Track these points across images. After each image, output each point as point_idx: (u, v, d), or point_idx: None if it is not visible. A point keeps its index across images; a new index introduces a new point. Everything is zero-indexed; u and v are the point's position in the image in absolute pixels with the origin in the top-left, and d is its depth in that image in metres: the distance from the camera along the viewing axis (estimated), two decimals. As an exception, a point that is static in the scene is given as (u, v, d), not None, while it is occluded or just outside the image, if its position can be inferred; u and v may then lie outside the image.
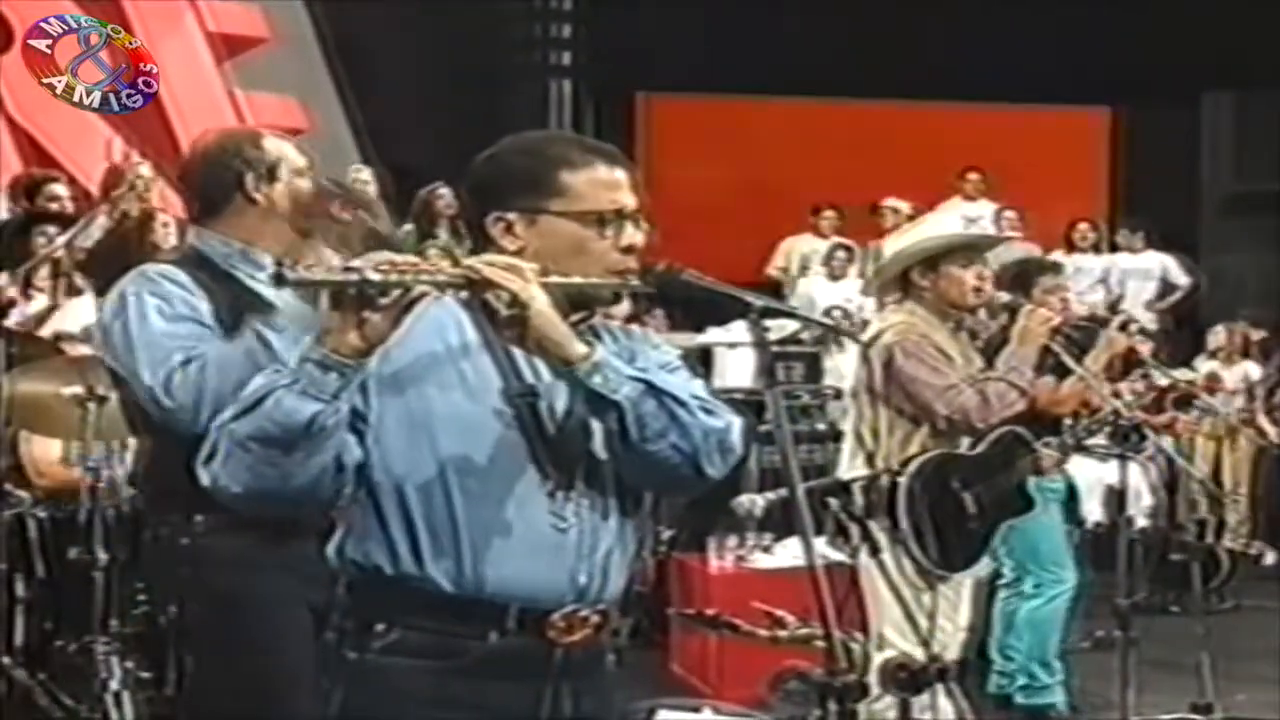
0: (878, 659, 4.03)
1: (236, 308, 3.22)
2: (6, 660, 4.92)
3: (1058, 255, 11.77)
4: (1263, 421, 9.66)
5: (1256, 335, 10.43)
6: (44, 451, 5.49)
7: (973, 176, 12.02)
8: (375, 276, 2.27)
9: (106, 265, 7.32)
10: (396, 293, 2.31)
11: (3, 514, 5.05)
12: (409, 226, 8.24)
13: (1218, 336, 10.47)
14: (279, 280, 2.36)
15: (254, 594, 3.20)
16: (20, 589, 5.08)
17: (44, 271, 7.06)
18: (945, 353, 4.89)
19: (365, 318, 2.31)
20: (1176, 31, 12.52)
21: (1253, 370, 10.25)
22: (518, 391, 2.49)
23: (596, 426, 2.49)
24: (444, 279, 2.37)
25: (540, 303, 2.37)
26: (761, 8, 12.32)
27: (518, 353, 2.49)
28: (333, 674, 2.51)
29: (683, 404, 2.46)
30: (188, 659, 3.58)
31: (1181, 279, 12.18)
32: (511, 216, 2.53)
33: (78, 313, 6.71)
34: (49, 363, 5.24)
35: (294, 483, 2.39)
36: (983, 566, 5.14)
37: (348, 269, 2.29)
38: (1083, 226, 12.33)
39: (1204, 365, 10.21)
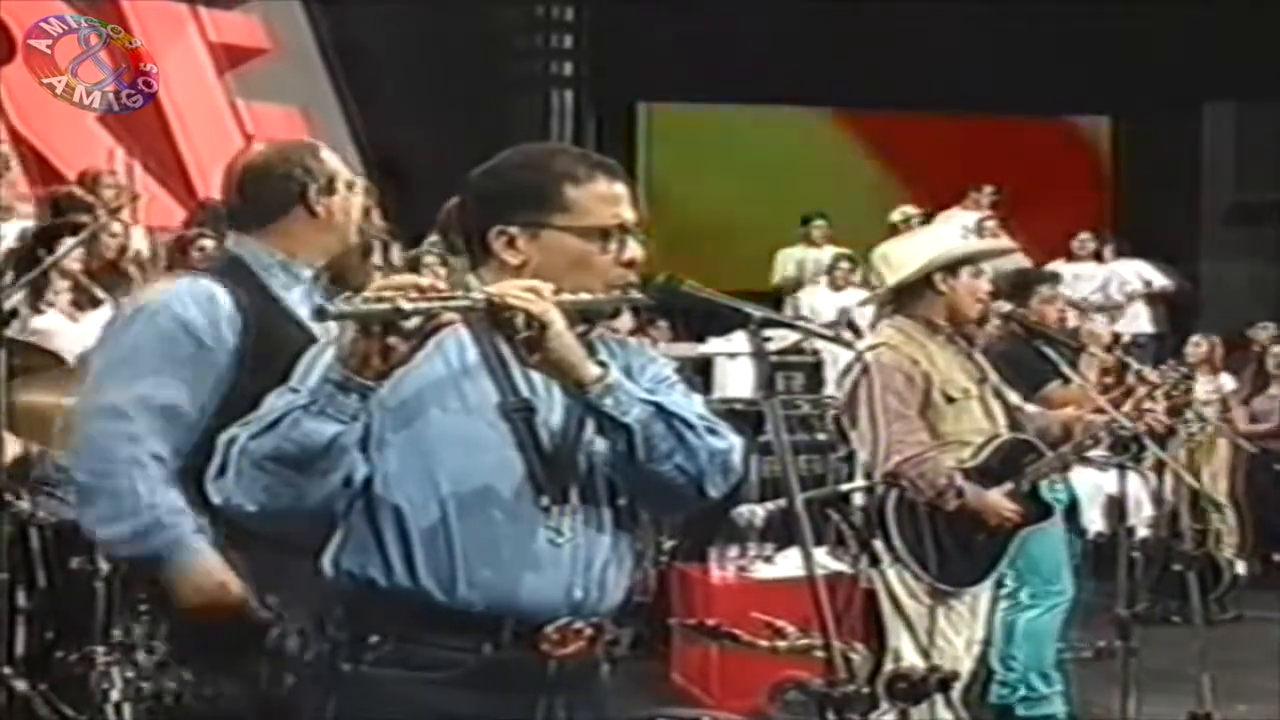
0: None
1: (264, 326, 3.20)
2: (7, 670, 4.92)
3: (1059, 264, 11.83)
4: (1242, 424, 9.67)
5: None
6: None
7: (988, 190, 11.99)
8: (407, 305, 2.30)
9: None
10: (418, 319, 2.32)
11: (3, 523, 5.05)
12: (434, 237, 8.25)
13: (1198, 348, 10.48)
14: (320, 314, 2.37)
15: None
16: (21, 598, 5.08)
17: (62, 285, 7.09)
18: (928, 374, 4.88)
19: (390, 344, 2.32)
20: (1177, 41, 12.55)
21: (1226, 381, 10.26)
22: (514, 406, 2.50)
23: (595, 441, 2.50)
24: (468, 304, 2.38)
25: (559, 325, 2.38)
26: (762, 18, 12.34)
27: (515, 368, 2.51)
28: (326, 685, 2.51)
29: (690, 426, 2.48)
30: (186, 672, 3.54)
31: (1159, 281, 12.28)
32: (514, 230, 2.55)
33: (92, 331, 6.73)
34: (51, 374, 5.24)
35: (308, 501, 2.41)
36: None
37: (381, 297, 2.30)
38: (1082, 235, 12.37)
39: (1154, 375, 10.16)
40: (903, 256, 5.10)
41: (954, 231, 7.79)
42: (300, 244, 3.36)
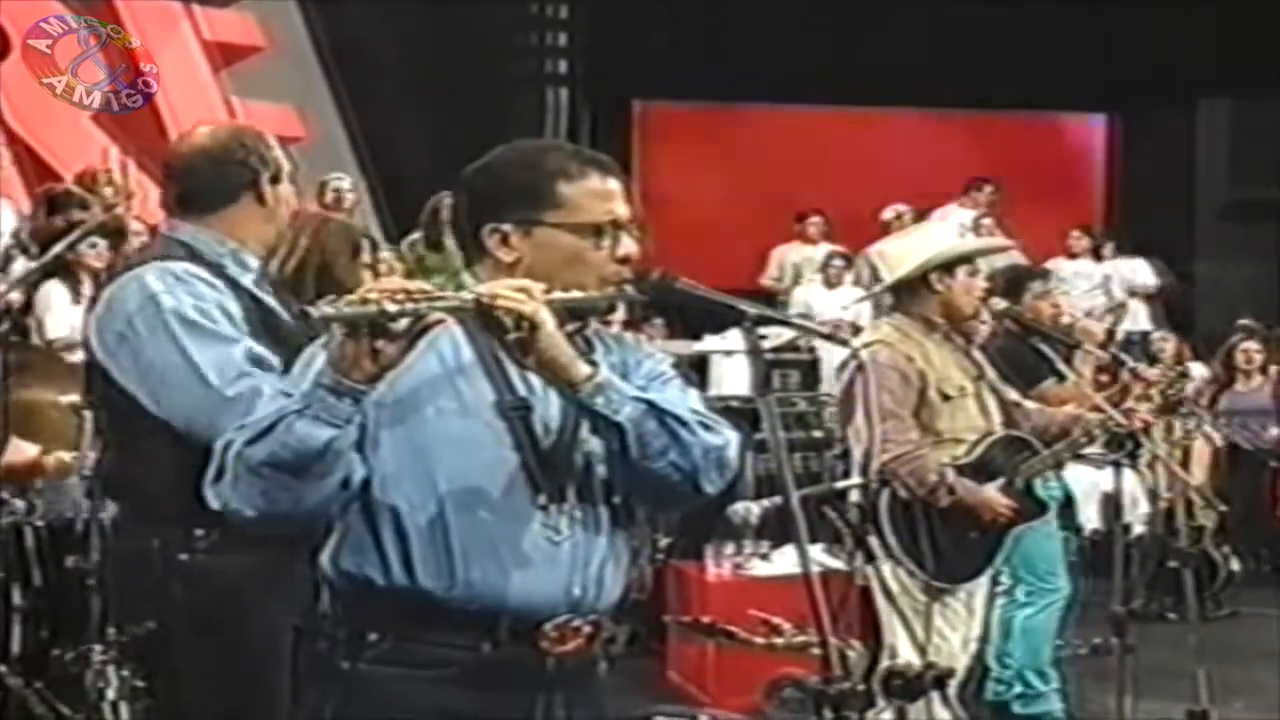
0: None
1: (251, 321, 3.18)
2: (3, 669, 4.92)
3: (1059, 262, 11.84)
4: (1207, 428, 9.67)
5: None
6: None
7: (987, 189, 11.98)
8: (392, 307, 2.29)
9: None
10: (407, 320, 2.31)
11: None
12: (417, 235, 8.26)
13: (1165, 343, 10.48)
14: (304, 318, 2.34)
15: (255, 618, 3.14)
16: (17, 597, 5.08)
17: (90, 283, 7.09)
18: (924, 371, 4.89)
19: (379, 346, 2.31)
20: (1173, 39, 12.55)
21: (1201, 372, 10.28)
22: (511, 405, 2.50)
23: (591, 440, 2.51)
24: (456, 305, 2.38)
25: (550, 325, 2.38)
26: (758, 16, 12.33)
27: (511, 366, 2.51)
28: (325, 683, 2.52)
29: (684, 423, 2.47)
30: (170, 674, 3.47)
31: (1148, 281, 12.30)
32: (507, 228, 2.54)
33: (61, 318, 6.73)
34: (47, 371, 5.24)
35: (306, 505, 2.40)
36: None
37: (366, 300, 2.29)
38: (1074, 233, 12.37)
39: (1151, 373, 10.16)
40: (900, 255, 5.10)
41: (950, 229, 7.81)
42: (246, 233, 3.31)
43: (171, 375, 3.12)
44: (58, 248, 6.49)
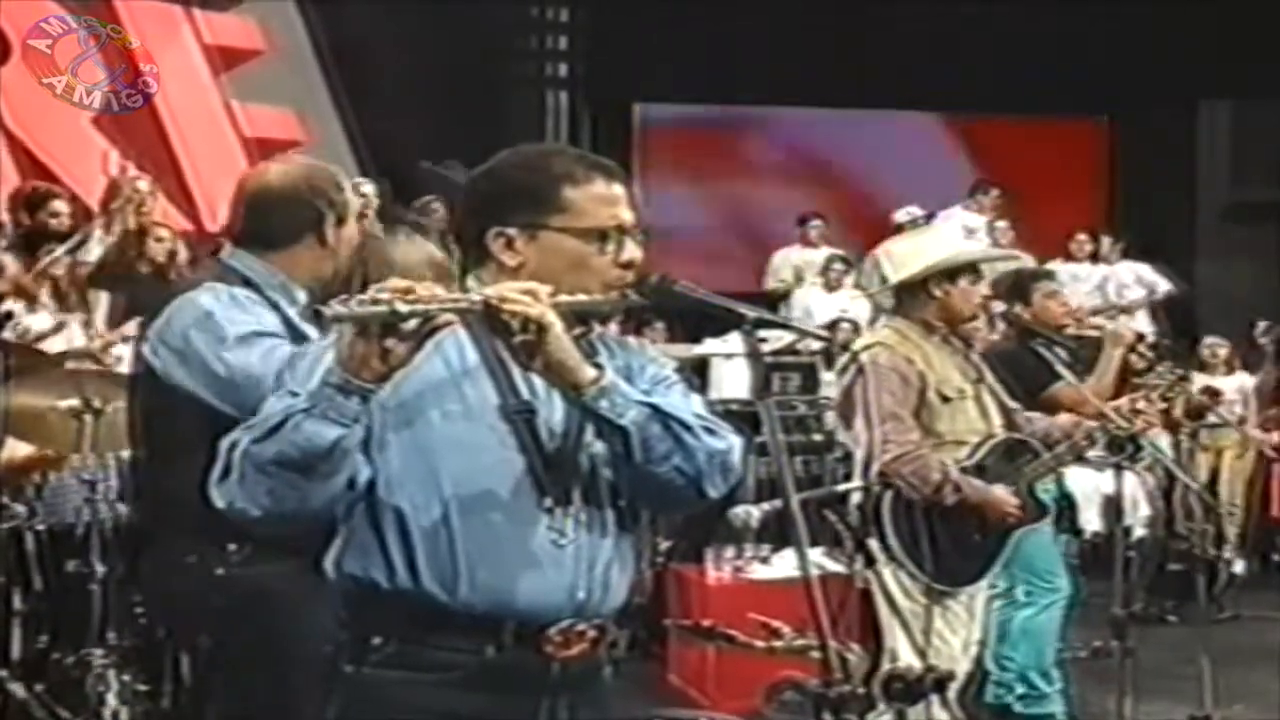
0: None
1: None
2: (4, 673, 4.93)
3: (1055, 264, 11.81)
4: (1254, 431, 9.69)
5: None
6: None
7: (994, 192, 11.95)
8: (404, 307, 2.30)
9: (112, 280, 7.35)
10: (416, 321, 2.32)
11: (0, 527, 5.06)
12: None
13: (1216, 349, 10.49)
14: (317, 318, 2.36)
15: (297, 627, 3.12)
16: (17, 601, 5.08)
17: (45, 289, 7.07)
18: (924, 373, 4.89)
19: (388, 347, 2.32)
20: (1173, 39, 12.55)
21: (1247, 381, 10.29)
22: (515, 408, 2.50)
23: (596, 443, 2.51)
24: (465, 306, 2.38)
25: (557, 328, 2.38)
26: (759, 19, 12.34)
27: (515, 369, 2.51)
28: (329, 686, 2.52)
29: (688, 427, 2.48)
30: (216, 689, 3.47)
31: (1161, 286, 12.27)
32: (512, 232, 2.54)
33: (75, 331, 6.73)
34: (46, 375, 5.24)
35: (312, 504, 2.41)
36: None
37: (377, 300, 2.30)
38: (1080, 236, 12.34)
39: (1199, 378, 10.21)
40: (905, 256, 5.10)
41: (956, 233, 7.80)
42: (302, 269, 3.37)
43: (229, 379, 3.17)
44: (59, 250, 6.50)
